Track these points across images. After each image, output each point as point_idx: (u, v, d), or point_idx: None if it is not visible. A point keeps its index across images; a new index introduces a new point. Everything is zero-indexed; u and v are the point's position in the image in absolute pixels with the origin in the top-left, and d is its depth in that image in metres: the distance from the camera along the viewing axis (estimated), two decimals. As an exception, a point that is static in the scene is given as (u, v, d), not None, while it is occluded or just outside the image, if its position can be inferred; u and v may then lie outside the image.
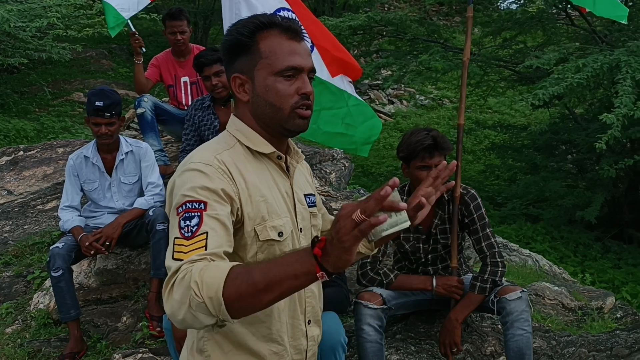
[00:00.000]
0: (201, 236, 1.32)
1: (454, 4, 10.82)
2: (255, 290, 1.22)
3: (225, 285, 1.21)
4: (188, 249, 1.31)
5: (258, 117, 1.53)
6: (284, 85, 1.48)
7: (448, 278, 2.89)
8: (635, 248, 7.37)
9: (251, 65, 1.50)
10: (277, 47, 1.49)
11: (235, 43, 1.52)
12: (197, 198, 1.37)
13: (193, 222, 1.34)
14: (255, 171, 1.51)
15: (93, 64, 12.39)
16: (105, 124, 3.37)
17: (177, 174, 1.46)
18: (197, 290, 1.21)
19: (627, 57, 5.28)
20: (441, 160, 2.70)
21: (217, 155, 1.46)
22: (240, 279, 1.22)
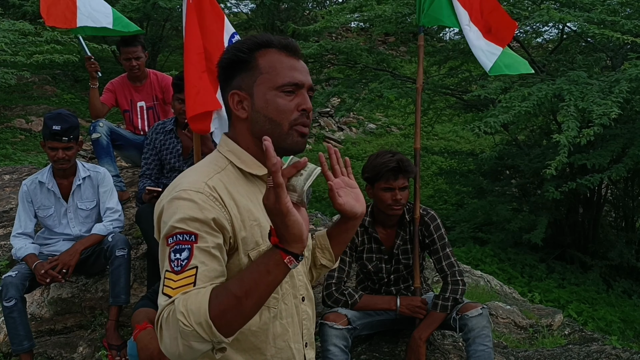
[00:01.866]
0: (190, 271, 1.30)
1: (399, 35, 11.16)
2: (235, 300, 1.24)
3: (210, 307, 1.23)
4: (176, 285, 1.29)
5: (256, 134, 1.48)
6: (284, 100, 1.46)
7: (412, 298, 2.96)
8: (577, 268, 7.68)
9: (250, 81, 1.48)
10: (277, 62, 1.48)
11: (233, 60, 1.50)
12: (188, 230, 1.33)
13: (183, 256, 1.31)
14: (247, 194, 1.48)
15: (36, 90, 12.05)
16: (63, 149, 3.31)
17: (166, 199, 1.42)
18: (185, 320, 1.22)
19: (568, 86, 5.58)
20: (405, 183, 2.80)
21: (207, 181, 1.41)
22: (220, 295, 1.24)
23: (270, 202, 1.22)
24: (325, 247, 1.73)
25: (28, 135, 9.97)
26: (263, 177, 1.52)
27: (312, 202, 9.08)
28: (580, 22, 6.03)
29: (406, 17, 7.53)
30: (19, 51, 7.05)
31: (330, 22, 7.78)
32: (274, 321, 1.48)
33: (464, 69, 9.01)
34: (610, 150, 6.31)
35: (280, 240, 1.25)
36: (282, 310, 1.50)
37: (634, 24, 5.90)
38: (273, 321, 1.48)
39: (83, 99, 11.81)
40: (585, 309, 6.36)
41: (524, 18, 6.65)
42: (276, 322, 1.49)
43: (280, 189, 1.20)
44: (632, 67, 5.46)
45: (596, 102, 5.14)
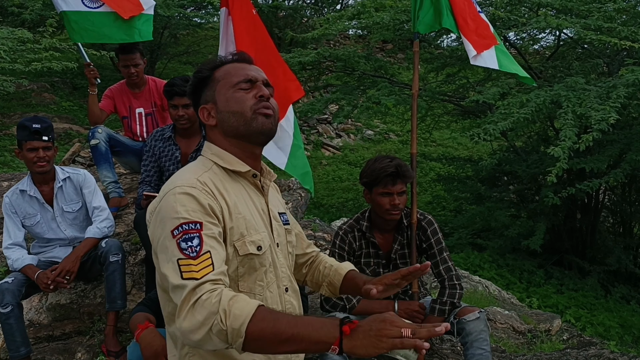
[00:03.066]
0: (205, 255, 1.40)
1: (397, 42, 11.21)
2: (277, 338, 1.31)
3: (250, 322, 1.30)
4: (199, 268, 1.38)
5: (228, 133, 1.64)
6: (241, 93, 1.62)
7: (410, 303, 2.96)
8: (575, 274, 7.68)
9: (212, 92, 1.66)
10: (231, 68, 1.67)
11: (196, 82, 1.70)
12: (192, 219, 1.44)
13: (195, 243, 1.41)
14: (233, 190, 1.60)
15: (34, 97, 12.06)
16: (43, 148, 3.29)
17: (160, 197, 1.53)
18: (224, 318, 1.30)
19: (566, 92, 5.60)
20: (403, 188, 2.80)
21: (198, 177, 1.54)
22: (267, 322, 1.31)
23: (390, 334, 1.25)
24: (333, 284, 1.91)
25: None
26: (246, 173, 1.66)
27: (311, 207, 9.09)
28: (577, 29, 6.07)
29: (404, 24, 7.57)
30: (17, 59, 7.06)
31: (328, 29, 7.81)
32: None
33: (461, 76, 9.04)
34: (607, 155, 6.33)
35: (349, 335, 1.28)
36: (267, 297, 1.61)
37: (630, 30, 5.94)
38: None
39: (81, 106, 11.82)
40: (583, 314, 6.36)
41: (521, 24, 6.68)
42: None
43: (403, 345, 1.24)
44: (628, 72, 5.49)
45: (594, 107, 5.17)
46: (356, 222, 3.01)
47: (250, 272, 1.57)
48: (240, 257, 1.55)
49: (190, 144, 3.77)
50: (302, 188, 5.44)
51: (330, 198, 10.09)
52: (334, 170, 11.48)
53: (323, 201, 9.94)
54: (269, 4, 14.44)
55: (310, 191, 3.56)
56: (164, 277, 1.44)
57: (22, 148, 3.31)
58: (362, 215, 3.01)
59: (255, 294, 1.58)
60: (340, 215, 8.46)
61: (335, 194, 10.29)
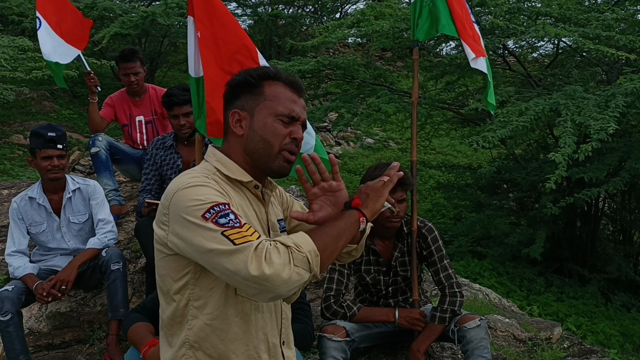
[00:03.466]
0: (246, 226, 1.45)
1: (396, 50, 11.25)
2: (333, 239, 1.50)
3: (314, 242, 1.45)
4: (250, 232, 1.43)
5: (249, 151, 1.64)
6: (280, 125, 1.63)
7: (410, 310, 2.96)
8: (575, 282, 7.67)
9: (254, 104, 1.64)
10: (282, 94, 1.65)
11: (242, 82, 1.67)
12: (220, 201, 1.47)
13: (232, 217, 1.45)
14: (234, 198, 1.60)
15: (34, 106, 12.07)
16: (57, 156, 3.31)
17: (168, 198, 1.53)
18: (297, 248, 1.41)
19: (565, 100, 5.61)
20: (403, 195, 2.81)
21: (206, 176, 1.57)
22: (319, 234, 1.49)
23: (378, 186, 1.64)
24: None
25: (26, 151, 9.96)
26: (247, 184, 1.66)
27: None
28: (576, 37, 6.09)
29: (403, 32, 7.59)
30: (18, 67, 7.08)
31: (328, 37, 7.84)
32: (256, 313, 1.61)
33: (460, 84, 9.06)
34: (607, 163, 6.34)
35: (362, 206, 1.60)
36: (262, 304, 1.63)
37: (629, 39, 5.96)
38: (255, 313, 1.61)
39: (81, 115, 11.83)
40: (584, 322, 6.34)
41: (520, 33, 6.71)
42: (258, 315, 1.62)
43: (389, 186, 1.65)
44: (627, 81, 5.51)
45: (593, 116, 5.18)
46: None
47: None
48: None
49: (192, 152, 3.77)
50: (302, 195, 5.44)
51: (330, 206, 10.08)
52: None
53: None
54: (268, 13, 14.49)
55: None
56: (209, 254, 1.42)
57: (36, 156, 3.32)
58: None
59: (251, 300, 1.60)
60: (340, 223, 8.45)
61: (335, 202, 10.28)
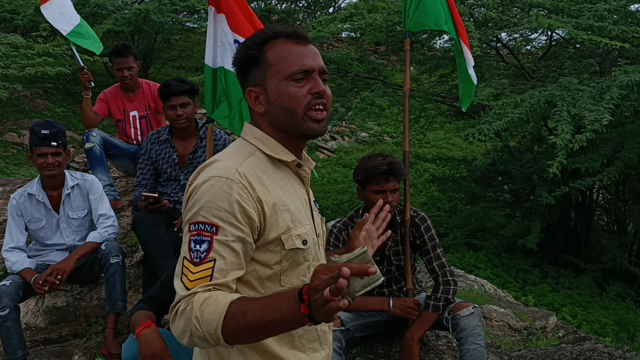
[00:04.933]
0: (208, 264, 1.36)
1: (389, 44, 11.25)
2: (251, 331, 1.30)
3: (223, 324, 1.29)
4: (194, 277, 1.36)
5: (276, 125, 1.52)
6: (295, 88, 1.48)
7: (404, 299, 2.98)
8: (570, 272, 7.71)
9: (262, 75, 1.51)
10: (285, 53, 1.51)
11: (244, 58, 1.55)
12: (210, 221, 1.38)
13: (202, 248, 1.37)
14: (277, 180, 1.51)
15: (27, 104, 12.03)
16: (52, 154, 3.31)
17: (198, 180, 1.45)
18: (198, 325, 1.30)
19: (560, 92, 5.64)
20: (396, 185, 2.83)
21: (238, 168, 1.44)
22: (237, 320, 1.29)
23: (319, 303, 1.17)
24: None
25: (20, 149, 9.95)
26: (290, 163, 1.55)
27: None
28: (569, 28, 6.11)
29: (396, 25, 7.60)
30: (10, 64, 7.05)
31: (321, 32, 7.83)
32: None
33: (454, 77, 9.06)
34: (601, 154, 6.37)
35: (309, 313, 1.21)
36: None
37: (621, 29, 5.98)
38: None
39: (75, 112, 11.80)
40: (579, 312, 6.39)
41: (513, 25, 6.72)
42: None
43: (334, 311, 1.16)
44: (622, 73, 5.53)
45: (587, 108, 5.21)
46: (350, 220, 3.03)
47: (293, 266, 1.50)
48: (285, 250, 1.47)
49: (187, 146, 3.79)
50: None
51: (326, 200, 10.11)
52: (328, 172, 11.50)
53: (319, 203, 9.95)
54: (261, 8, 14.50)
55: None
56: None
57: (33, 152, 3.33)
58: (356, 212, 3.04)
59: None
60: (335, 217, 8.46)
61: (331, 196, 10.31)
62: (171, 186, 3.81)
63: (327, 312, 1.17)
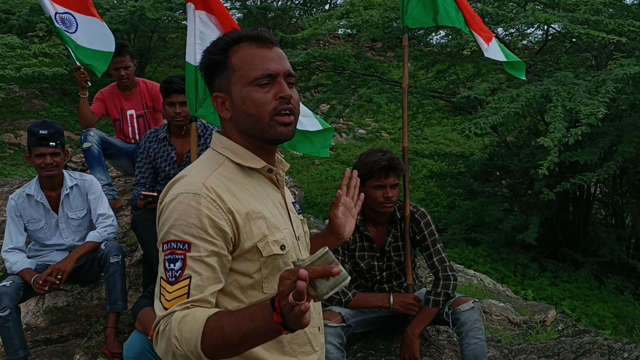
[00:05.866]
0: (184, 282, 1.35)
1: (386, 40, 11.26)
2: (230, 345, 1.29)
3: (202, 340, 1.29)
4: (171, 297, 1.35)
5: (242, 131, 1.50)
6: (259, 93, 1.45)
7: (405, 295, 2.99)
8: (569, 266, 7.73)
9: (227, 81, 1.49)
10: (248, 57, 1.47)
11: (209, 63, 1.52)
12: (182, 238, 1.37)
13: (177, 266, 1.36)
14: (248, 188, 1.49)
15: (24, 104, 12.00)
16: (50, 154, 3.30)
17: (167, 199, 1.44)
18: (178, 345, 1.30)
19: (556, 86, 5.65)
20: (396, 181, 2.84)
21: (205, 182, 1.42)
22: (215, 335, 1.28)
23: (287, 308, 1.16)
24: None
25: (17, 150, 9.93)
26: (261, 169, 1.53)
27: (304, 207, 9.11)
28: (565, 22, 6.12)
29: (393, 22, 7.59)
30: (7, 65, 7.04)
31: (318, 29, 7.83)
32: None
33: (451, 72, 9.09)
34: (599, 147, 6.38)
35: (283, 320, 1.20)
36: None
37: (617, 23, 5.99)
38: None
39: (72, 112, 11.78)
40: (578, 305, 6.41)
41: (509, 20, 6.73)
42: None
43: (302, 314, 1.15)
44: (617, 67, 5.54)
45: (583, 102, 5.21)
46: (349, 216, 3.03)
47: (274, 273, 1.47)
48: (263, 258, 1.45)
49: (185, 144, 3.78)
50: (296, 186, 5.46)
51: (324, 197, 10.11)
52: (326, 169, 11.51)
53: (317, 200, 9.96)
54: (257, 5, 14.46)
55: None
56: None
57: (31, 153, 3.32)
58: (357, 209, 3.03)
59: None
60: (334, 214, 8.48)
61: (329, 193, 10.31)
62: None
63: (294, 317, 1.16)
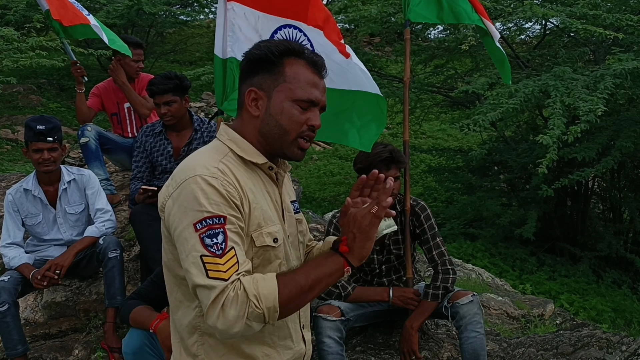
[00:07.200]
0: (231, 252, 1.39)
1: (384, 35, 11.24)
2: (302, 292, 1.43)
3: (279, 293, 1.39)
4: (226, 267, 1.38)
5: (264, 133, 1.56)
6: (298, 112, 1.54)
7: (404, 289, 2.99)
8: (567, 260, 7.75)
9: (272, 84, 1.55)
10: (302, 76, 1.55)
11: (262, 58, 1.56)
12: (216, 213, 1.40)
13: (219, 239, 1.39)
14: (250, 179, 1.54)
15: (21, 100, 11.97)
16: (48, 149, 3.28)
17: (177, 183, 1.46)
18: (257, 303, 1.36)
19: (554, 81, 5.63)
20: (397, 173, 2.84)
21: (218, 166, 1.47)
22: (289, 285, 1.41)
23: (365, 224, 1.46)
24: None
25: (14, 145, 9.91)
26: (262, 165, 1.58)
27: (303, 202, 9.11)
28: (563, 17, 6.10)
29: (391, 16, 7.57)
30: (4, 58, 7.02)
31: (316, 24, 7.78)
32: None
33: (449, 67, 9.08)
34: (597, 143, 6.38)
35: (349, 252, 1.47)
36: None
37: (615, 17, 5.98)
38: None
39: (69, 108, 11.75)
40: (576, 299, 6.42)
41: (507, 14, 6.71)
42: None
43: (378, 220, 1.46)
44: (616, 62, 5.53)
45: (582, 98, 5.20)
46: (349, 210, 3.03)
47: (264, 264, 1.53)
48: (256, 248, 1.51)
49: (182, 138, 3.77)
50: (294, 180, 5.45)
51: (322, 192, 10.11)
52: (325, 164, 11.51)
53: (315, 195, 9.96)
54: (255, 1, 14.39)
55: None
56: (186, 271, 1.42)
57: (29, 148, 3.31)
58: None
59: None
60: (332, 209, 8.48)
61: (327, 188, 10.31)
62: (166, 179, 3.78)
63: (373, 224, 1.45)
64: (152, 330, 2.34)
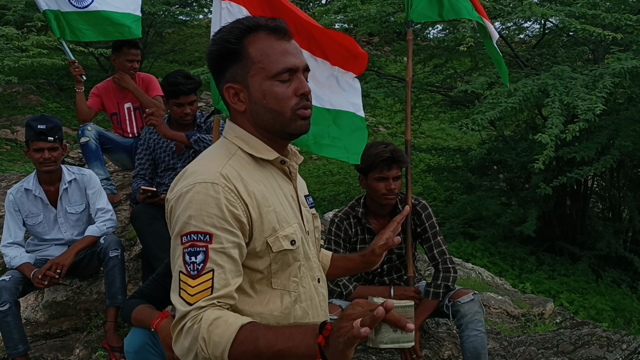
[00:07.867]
0: (207, 275, 1.31)
1: (383, 35, 11.25)
2: (258, 358, 1.25)
3: (231, 348, 1.25)
4: (194, 291, 1.30)
5: (259, 124, 1.47)
6: (281, 88, 1.43)
7: (405, 288, 3.00)
8: (566, 259, 7.76)
9: (244, 72, 1.44)
10: (268, 49, 1.43)
11: (221, 51, 1.46)
12: (203, 229, 1.32)
13: (198, 259, 1.32)
14: (260, 179, 1.46)
15: (20, 100, 11.96)
16: (49, 149, 3.29)
17: (179, 190, 1.40)
18: (205, 347, 1.26)
19: (553, 80, 5.64)
20: (398, 173, 2.84)
21: (222, 171, 1.39)
22: (247, 345, 1.25)
23: (345, 330, 1.14)
24: (323, 267, 1.80)
25: (14, 146, 9.91)
26: (274, 161, 1.51)
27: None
28: (562, 17, 6.11)
29: (390, 16, 7.57)
30: (4, 57, 7.01)
31: (315, 23, 7.78)
32: (294, 305, 1.49)
33: (448, 66, 9.08)
34: (596, 142, 6.39)
35: (325, 345, 1.19)
36: (301, 293, 1.51)
37: (614, 17, 5.98)
38: (294, 305, 1.48)
39: (68, 107, 11.75)
40: (576, 298, 6.44)
41: (506, 14, 6.71)
42: (296, 306, 1.49)
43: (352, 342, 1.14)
44: (615, 61, 5.54)
45: (580, 97, 5.21)
46: (351, 209, 3.04)
47: (284, 268, 1.46)
48: (273, 253, 1.43)
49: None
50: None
51: (322, 192, 10.12)
52: (324, 164, 11.51)
53: (315, 195, 9.96)
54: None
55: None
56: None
57: (29, 147, 3.31)
58: (357, 201, 3.04)
59: (290, 291, 1.48)
60: (332, 208, 8.48)
61: (327, 188, 10.32)
62: (169, 176, 3.80)
63: (347, 340, 1.13)
64: (154, 329, 2.35)
